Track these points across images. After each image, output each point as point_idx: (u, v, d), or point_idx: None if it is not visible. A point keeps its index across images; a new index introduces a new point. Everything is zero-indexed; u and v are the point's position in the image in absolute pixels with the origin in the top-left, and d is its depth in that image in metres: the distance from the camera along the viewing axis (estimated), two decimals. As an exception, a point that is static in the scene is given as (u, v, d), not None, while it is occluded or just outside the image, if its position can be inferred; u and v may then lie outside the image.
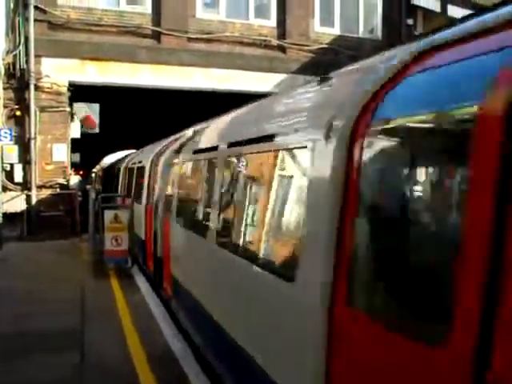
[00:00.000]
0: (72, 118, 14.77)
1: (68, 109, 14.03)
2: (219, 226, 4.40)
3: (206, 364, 4.58)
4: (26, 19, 13.19)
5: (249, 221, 3.78)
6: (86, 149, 21.98)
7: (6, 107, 13.30)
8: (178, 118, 16.45)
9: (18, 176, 13.48)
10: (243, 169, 4.14)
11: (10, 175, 13.45)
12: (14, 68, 13.28)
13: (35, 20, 13.20)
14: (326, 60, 14.38)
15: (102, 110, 22.51)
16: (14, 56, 13.28)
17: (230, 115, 5.50)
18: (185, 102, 16.84)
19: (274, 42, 15.17)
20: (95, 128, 21.86)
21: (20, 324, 6.10)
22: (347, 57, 13.94)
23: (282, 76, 14.95)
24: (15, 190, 13.44)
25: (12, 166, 13.45)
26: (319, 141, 2.55)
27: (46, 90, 13.49)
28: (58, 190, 13.86)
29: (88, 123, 19.65)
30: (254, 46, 15.03)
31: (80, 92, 14.21)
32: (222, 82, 14.70)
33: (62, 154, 13.83)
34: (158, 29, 14.19)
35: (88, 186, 15.95)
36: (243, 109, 5.16)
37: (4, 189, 13.30)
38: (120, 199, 12.23)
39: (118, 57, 13.86)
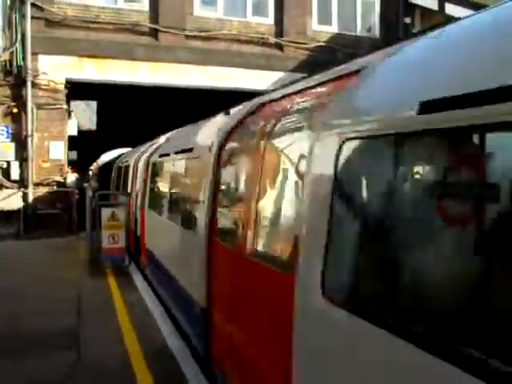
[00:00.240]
0: (69, 116, 14.73)
1: (65, 106, 14.00)
2: (168, 207, 7.06)
3: (203, 362, 4.59)
4: (23, 16, 13.15)
5: (179, 202, 6.49)
6: (84, 146, 21.91)
7: (2, 104, 13.27)
8: (175, 115, 16.41)
9: (15, 173, 13.44)
10: (178, 169, 6.77)
11: (6, 173, 13.42)
12: (10, 65, 13.24)
13: (32, 17, 13.16)
14: (323, 58, 14.37)
15: (100, 107, 22.43)
16: (11, 53, 13.23)
17: (178, 131, 8.50)
18: (182, 99, 16.81)
19: (272, 39, 15.16)
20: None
21: (16, 323, 6.09)
22: (345, 55, 13.95)
23: (280, 74, 14.95)
24: (12, 188, 13.40)
25: (9, 163, 13.41)
26: (206, 153, 4.82)
27: (42, 87, 13.46)
28: (55, 187, 13.84)
29: None
30: (251, 43, 15.02)
31: (77, 89, 14.17)
32: (219, 79, 14.69)
33: (58, 151, 13.80)
34: (156, 26, 14.16)
35: (85, 184, 15.90)
36: (184, 128, 8.07)
37: (0, 186, 13.28)
38: (113, 196, 12.41)
39: (115, 54, 13.84)
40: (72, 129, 14.89)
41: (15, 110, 13.34)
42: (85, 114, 22.33)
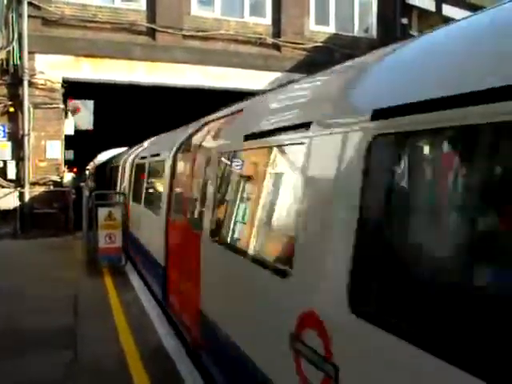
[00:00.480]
0: (66, 115, 14.70)
1: (62, 105, 13.97)
2: (144, 198, 8.80)
3: (198, 360, 4.60)
4: (20, 15, 13.12)
5: (151, 194, 8.39)
6: (80, 146, 21.86)
7: (-1, 103, 13.24)
8: (172, 115, 16.41)
9: (11, 173, 13.41)
10: (151, 169, 8.68)
11: (3, 172, 13.39)
12: (7, 64, 13.21)
13: (29, 16, 13.13)
14: (320, 58, 14.38)
15: (97, 107, 22.38)
16: (8, 52, 13.21)
17: (156, 137, 10.59)
18: (179, 99, 16.79)
19: (269, 40, 15.17)
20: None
21: (13, 322, 6.09)
22: (342, 55, 13.96)
23: (277, 74, 14.96)
24: (8, 187, 13.37)
25: (5, 162, 13.38)
26: (168, 157, 6.67)
27: (39, 86, 13.43)
28: (52, 187, 13.81)
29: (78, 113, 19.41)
30: (248, 44, 15.03)
31: (74, 89, 14.14)
32: (216, 79, 14.68)
33: (55, 150, 13.77)
34: (153, 26, 14.15)
35: (82, 184, 15.88)
36: (160, 135, 10.18)
37: (-3, 186, 13.24)
38: (110, 196, 12.46)
39: (112, 54, 13.82)
40: (69, 128, 14.86)
41: (12, 109, 13.31)
42: (82, 113, 22.24)
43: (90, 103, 22.36)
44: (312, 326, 2.29)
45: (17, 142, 13.39)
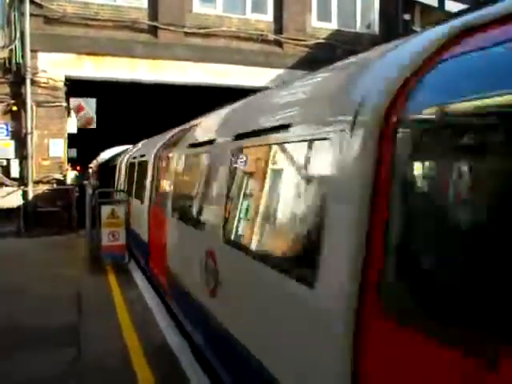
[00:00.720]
0: (69, 113, 14.72)
1: (64, 104, 13.98)
2: (135, 190, 10.23)
3: (201, 356, 4.61)
4: (22, 14, 13.12)
5: (140, 188, 9.58)
6: (83, 144, 21.90)
7: (1, 102, 13.26)
8: (174, 112, 16.41)
9: (15, 171, 13.44)
10: (139, 167, 10.14)
11: (6, 170, 13.42)
12: (9, 63, 13.22)
13: (31, 14, 13.13)
14: (322, 55, 14.35)
15: (99, 104, 22.39)
16: (10, 51, 13.21)
17: (147, 140, 11.86)
18: (181, 96, 16.79)
19: (271, 36, 15.14)
20: (91, 121, 21.69)
21: (16, 320, 6.11)
22: (344, 52, 13.93)
23: (279, 71, 14.93)
24: (12, 186, 13.41)
25: (8, 161, 13.41)
26: (150, 157, 8.76)
27: (42, 84, 13.44)
28: (55, 185, 13.84)
29: (81, 113, 19.51)
30: (250, 40, 15.00)
31: (76, 87, 14.16)
32: (218, 76, 14.67)
33: (58, 149, 13.79)
34: (155, 23, 14.14)
35: (85, 182, 15.94)
36: (150, 138, 11.35)
37: (0, 184, 13.28)
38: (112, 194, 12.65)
39: (114, 51, 13.82)
40: (72, 126, 14.87)
41: (14, 108, 13.32)
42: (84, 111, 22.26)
43: (93, 101, 22.37)
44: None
45: (20, 140, 13.42)
